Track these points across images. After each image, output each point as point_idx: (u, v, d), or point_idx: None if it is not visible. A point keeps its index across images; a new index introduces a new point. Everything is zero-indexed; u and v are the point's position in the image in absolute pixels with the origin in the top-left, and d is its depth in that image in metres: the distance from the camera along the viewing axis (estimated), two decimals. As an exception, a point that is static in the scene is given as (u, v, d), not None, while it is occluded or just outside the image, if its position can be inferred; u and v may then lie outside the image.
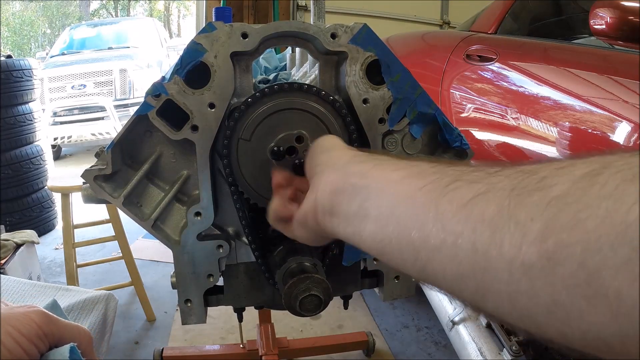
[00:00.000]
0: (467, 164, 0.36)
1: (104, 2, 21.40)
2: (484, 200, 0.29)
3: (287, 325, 2.23)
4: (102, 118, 5.45)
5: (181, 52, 0.66)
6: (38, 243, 2.35)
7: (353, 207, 0.41)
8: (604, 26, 1.30)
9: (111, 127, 5.33)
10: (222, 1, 3.93)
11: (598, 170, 0.24)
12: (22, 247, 2.19)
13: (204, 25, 0.65)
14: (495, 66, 1.78)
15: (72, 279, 2.18)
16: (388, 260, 0.38)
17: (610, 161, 0.25)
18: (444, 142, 0.79)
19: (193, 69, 0.66)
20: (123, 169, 0.73)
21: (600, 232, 0.22)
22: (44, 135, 3.57)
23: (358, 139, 0.70)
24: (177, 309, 2.31)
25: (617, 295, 0.21)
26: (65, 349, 0.48)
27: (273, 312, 1.94)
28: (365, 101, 0.71)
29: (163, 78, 0.68)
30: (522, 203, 0.26)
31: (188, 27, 22.42)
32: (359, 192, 0.41)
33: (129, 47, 6.94)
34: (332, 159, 0.49)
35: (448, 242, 0.30)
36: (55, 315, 0.50)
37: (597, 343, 0.23)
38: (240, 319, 0.89)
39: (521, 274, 0.25)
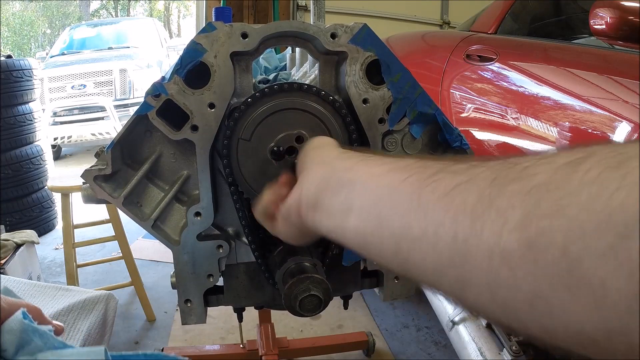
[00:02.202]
0: (454, 158, 0.36)
1: (104, 2, 21.40)
2: (466, 189, 0.29)
3: (287, 325, 2.23)
4: (102, 118, 5.45)
5: (181, 52, 0.66)
6: (38, 243, 2.35)
7: (337, 201, 0.41)
8: (604, 26, 1.30)
9: (111, 127, 5.33)
10: (222, 1, 3.93)
11: (582, 159, 0.24)
12: (22, 247, 2.19)
13: (204, 25, 0.65)
14: (495, 66, 1.78)
15: (72, 279, 2.18)
16: (369, 254, 0.38)
17: (595, 150, 0.24)
18: (444, 142, 0.79)
19: (193, 69, 0.66)
20: (123, 169, 0.73)
21: (582, 219, 0.21)
22: (44, 135, 3.57)
23: (358, 139, 0.70)
24: (177, 309, 2.31)
25: (601, 285, 0.20)
26: (17, 313, 0.59)
27: (273, 312, 1.94)
28: (365, 101, 0.71)
29: (163, 78, 0.68)
30: (503, 191, 0.26)
31: (188, 27, 22.42)
32: (343, 186, 0.41)
33: (129, 47, 6.93)
34: (320, 156, 0.50)
35: (429, 231, 0.30)
36: (4, 295, 0.62)
37: (581, 338, 0.22)
38: (240, 319, 0.89)
39: (501, 262, 0.25)
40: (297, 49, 1.05)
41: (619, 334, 0.21)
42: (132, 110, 0.81)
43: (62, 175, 2.73)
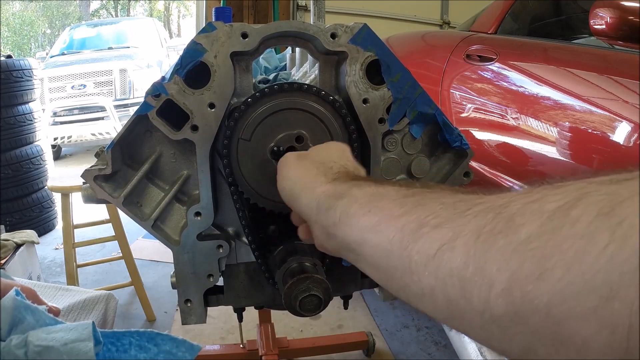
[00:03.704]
0: (437, 190, 0.36)
1: (104, 2, 21.39)
2: (450, 249, 0.29)
3: (287, 325, 2.23)
4: (102, 118, 5.45)
5: (181, 52, 0.66)
6: (38, 243, 2.35)
7: (350, 257, 0.43)
8: (604, 26, 1.30)
9: (111, 127, 5.33)
10: (222, 1, 3.93)
11: (571, 203, 0.23)
12: (22, 247, 2.19)
13: (204, 25, 0.65)
14: (495, 66, 1.78)
15: (72, 279, 2.18)
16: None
17: (587, 190, 0.23)
18: (444, 142, 0.79)
19: (193, 68, 0.66)
20: (123, 169, 0.73)
21: (566, 281, 0.22)
22: (44, 135, 3.57)
23: (358, 139, 0.70)
24: (177, 309, 2.31)
25: (583, 343, 0.21)
26: (11, 292, 0.61)
27: (273, 312, 1.94)
28: (365, 101, 0.71)
29: (163, 78, 0.68)
30: (488, 251, 0.26)
31: (188, 27, 22.42)
32: (344, 245, 0.43)
33: (129, 47, 6.93)
34: (305, 207, 0.49)
35: (425, 293, 0.31)
36: None
37: None
38: (240, 319, 0.89)
39: (491, 323, 0.26)
40: (297, 49, 1.05)
41: None
42: (132, 110, 0.81)
43: (62, 175, 2.74)
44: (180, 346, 0.85)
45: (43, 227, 3.35)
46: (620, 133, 1.26)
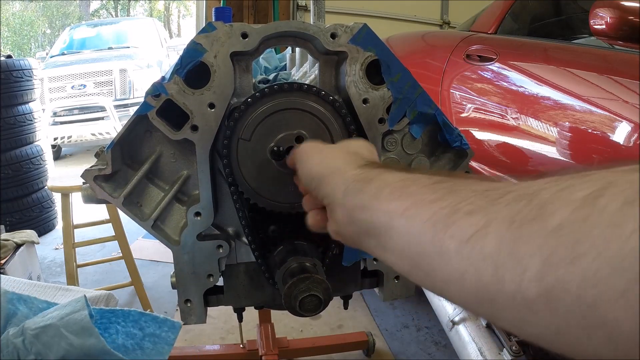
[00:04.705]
0: (466, 177, 0.37)
1: (104, 2, 21.39)
2: (484, 235, 0.30)
3: (287, 325, 2.23)
4: (102, 118, 5.45)
5: (181, 52, 0.66)
6: (38, 243, 2.35)
7: (371, 244, 0.43)
8: (604, 26, 1.30)
9: (111, 127, 5.33)
10: (222, 1, 3.93)
11: (599, 192, 0.25)
12: (22, 247, 2.19)
13: (204, 25, 0.65)
14: (495, 66, 1.78)
15: (72, 279, 2.18)
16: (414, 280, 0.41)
17: (611, 180, 0.25)
18: (444, 142, 0.79)
19: (193, 69, 0.66)
20: (123, 169, 0.73)
21: (596, 266, 0.23)
22: (44, 135, 3.57)
23: (358, 139, 0.70)
24: (177, 309, 2.30)
25: (614, 325, 0.22)
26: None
27: (273, 312, 1.94)
28: (365, 101, 0.71)
29: (163, 78, 0.68)
30: (521, 237, 0.27)
31: (188, 27, 22.43)
32: (367, 230, 0.42)
33: (129, 47, 6.93)
34: (331, 189, 0.49)
35: (455, 277, 0.32)
36: None
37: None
38: (240, 319, 0.89)
39: (523, 306, 0.27)
40: (297, 49, 1.05)
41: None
42: (132, 110, 0.81)
43: (62, 175, 2.74)
44: (163, 325, 0.88)
45: (43, 227, 3.35)
46: (620, 133, 1.26)
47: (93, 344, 0.71)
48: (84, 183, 0.71)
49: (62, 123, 5.41)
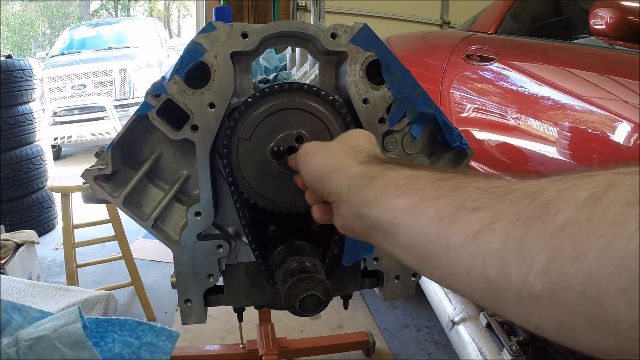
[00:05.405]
0: (469, 175, 0.37)
1: (104, 2, 21.38)
2: (490, 231, 0.30)
3: (287, 325, 2.23)
4: (102, 118, 5.45)
5: (181, 52, 0.66)
6: (38, 243, 2.35)
7: (379, 237, 0.43)
8: (604, 26, 1.30)
9: (111, 127, 5.33)
10: (222, 1, 3.93)
11: (601, 192, 0.26)
12: (22, 247, 2.19)
13: (204, 25, 0.65)
14: (495, 66, 1.78)
15: (72, 279, 2.18)
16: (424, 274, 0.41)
17: (613, 181, 0.26)
18: (444, 142, 0.79)
19: (193, 68, 0.66)
20: (123, 169, 0.73)
21: (600, 264, 0.24)
22: (44, 135, 3.57)
23: (358, 138, 0.69)
24: (177, 309, 2.31)
25: (615, 320, 0.24)
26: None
27: (273, 312, 1.94)
28: (365, 101, 0.71)
29: (163, 78, 0.68)
30: (527, 234, 0.28)
31: (188, 27, 22.42)
32: (373, 226, 0.43)
33: (129, 47, 6.93)
34: (336, 187, 0.49)
35: (462, 273, 0.33)
36: None
37: (600, 352, 0.26)
38: (240, 319, 0.89)
39: (529, 300, 0.28)
40: (297, 49, 1.05)
41: (630, 353, 0.24)
42: (132, 110, 0.81)
43: (62, 175, 2.74)
44: (160, 335, 0.87)
45: (43, 227, 3.35)
46: (620, 133, 1.26)
47: (86, 358, 0.71)
48: (84, 183, 0.71)
49: (62, 123, 5.41)
